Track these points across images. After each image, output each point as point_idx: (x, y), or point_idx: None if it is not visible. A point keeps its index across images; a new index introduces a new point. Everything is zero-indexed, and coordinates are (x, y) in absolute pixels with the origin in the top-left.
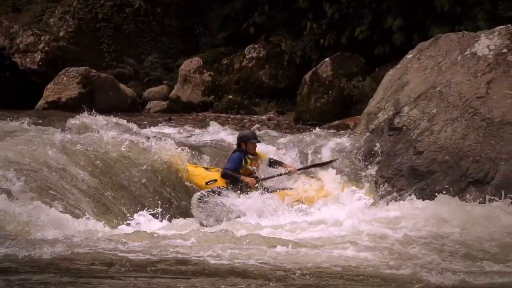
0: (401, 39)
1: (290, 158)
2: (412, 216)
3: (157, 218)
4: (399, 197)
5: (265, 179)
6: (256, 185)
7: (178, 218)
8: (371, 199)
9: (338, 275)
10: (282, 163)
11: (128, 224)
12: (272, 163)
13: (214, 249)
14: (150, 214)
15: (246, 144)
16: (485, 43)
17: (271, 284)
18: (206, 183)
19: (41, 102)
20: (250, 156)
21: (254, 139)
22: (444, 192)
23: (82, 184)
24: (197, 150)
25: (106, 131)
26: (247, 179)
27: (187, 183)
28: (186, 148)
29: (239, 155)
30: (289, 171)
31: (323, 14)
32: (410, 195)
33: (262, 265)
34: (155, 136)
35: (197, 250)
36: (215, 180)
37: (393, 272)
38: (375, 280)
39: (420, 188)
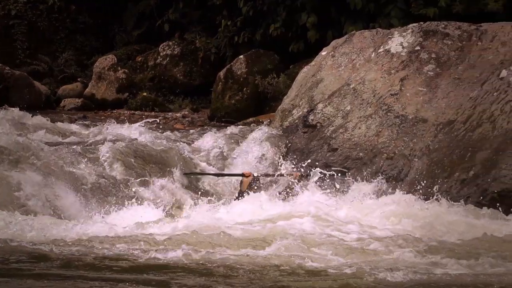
0: (316, 36)
1: (211, 156)
2: (331, 211)
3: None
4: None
5: (263, 175)
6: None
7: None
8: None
9: (284, 272)
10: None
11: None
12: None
13: (158, 246)
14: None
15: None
16: (399, 41)
17: (214, 281)
18: None
19: None
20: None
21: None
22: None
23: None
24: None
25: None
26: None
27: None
28: None
29: None
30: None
31: (237, 11)
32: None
33: (207, 263)
34: None
35: (139, 247)
36: None
37: (339, 268)
38: (320, 276)
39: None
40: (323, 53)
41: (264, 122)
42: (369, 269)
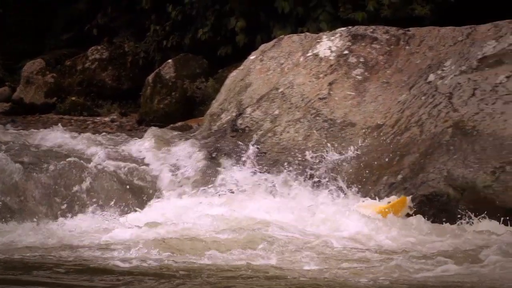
0: (244, 40)
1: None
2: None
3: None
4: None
5: None
6: None
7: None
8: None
9: (243, 276)
10: None
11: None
12: None
13: (118, 252)
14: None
15: None
16: (327, 45)
17: (172, 285)
18: None
19: None
20: None
21: None
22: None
23: None
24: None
25: None
26: None
27: None
28: None
29: None
30: None
31: (166, 15)
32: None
33: (167, 268)
34: None
35: (97, 253)
36: None
37: (298, 272)
38: (280, 279)
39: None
40: (252, 57)
41: (193, 126)
42: (327, 273)
